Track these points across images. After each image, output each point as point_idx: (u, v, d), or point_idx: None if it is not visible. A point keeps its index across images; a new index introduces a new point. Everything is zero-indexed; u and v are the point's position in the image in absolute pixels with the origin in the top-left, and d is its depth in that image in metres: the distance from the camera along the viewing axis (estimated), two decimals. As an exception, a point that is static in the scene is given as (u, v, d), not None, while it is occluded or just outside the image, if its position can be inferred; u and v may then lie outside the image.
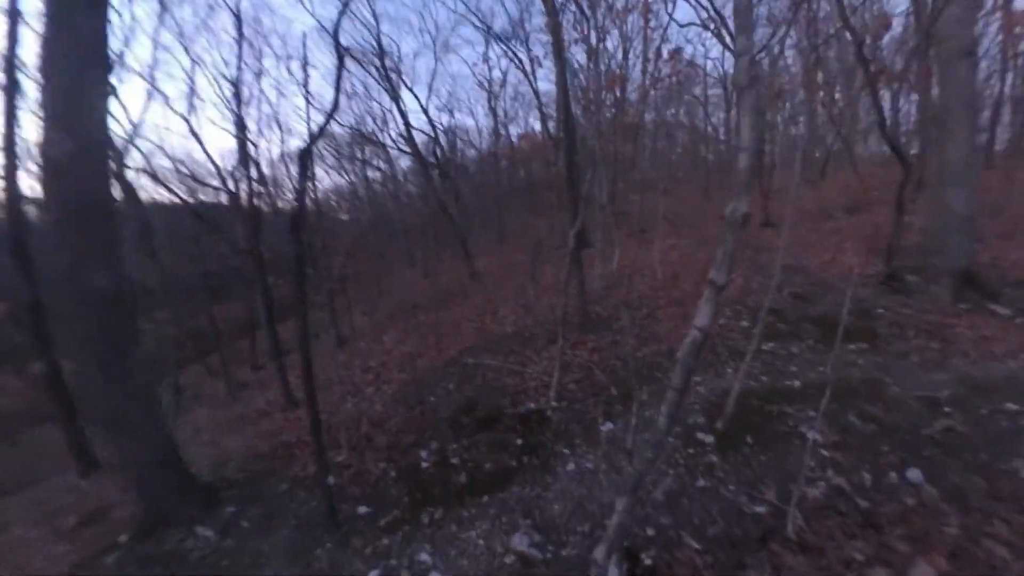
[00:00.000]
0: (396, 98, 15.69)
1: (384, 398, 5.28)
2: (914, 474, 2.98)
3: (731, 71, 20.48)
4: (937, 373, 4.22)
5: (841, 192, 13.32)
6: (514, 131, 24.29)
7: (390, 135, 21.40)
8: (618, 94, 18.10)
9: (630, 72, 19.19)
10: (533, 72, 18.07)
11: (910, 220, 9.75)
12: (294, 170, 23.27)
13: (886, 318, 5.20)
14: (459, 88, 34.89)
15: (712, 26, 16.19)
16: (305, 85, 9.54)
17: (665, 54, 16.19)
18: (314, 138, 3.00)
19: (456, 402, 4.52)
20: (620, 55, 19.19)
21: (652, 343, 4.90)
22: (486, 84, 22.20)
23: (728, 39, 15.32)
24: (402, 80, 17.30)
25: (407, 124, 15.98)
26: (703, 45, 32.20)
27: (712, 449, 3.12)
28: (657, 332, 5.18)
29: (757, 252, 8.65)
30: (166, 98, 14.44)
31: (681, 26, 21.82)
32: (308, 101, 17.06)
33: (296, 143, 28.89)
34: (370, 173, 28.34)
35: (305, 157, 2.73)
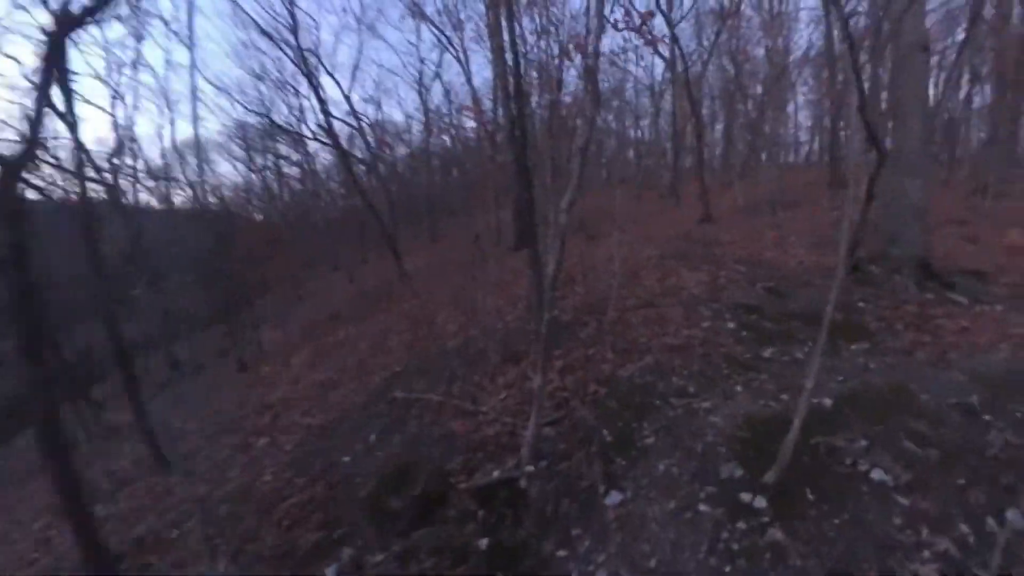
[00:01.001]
0: (315, 84, 13.62)
1: (278, 460, 3.78)
2: (1015, 517, 2.26)
3: (660, 78, 20.70)
4: (948, 372, 3.69)
5: (764, 191, 13.61)
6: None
7: (308, 126, 18.90)
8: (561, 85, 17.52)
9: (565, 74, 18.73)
10: (467, 59, 16.79)
11: (840, 216, 10.02)
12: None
13: (870, 312, 4.69)
14: (388, 78, 32.28)
15: (645, 32, 15.98)
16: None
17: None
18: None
19: (380, 467, 3.16)
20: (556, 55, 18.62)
21: (633, 356, 3.91)
22: (416, 74, 20.46)
23: (660, 46, 15.20)
24: (321, 64, 15.11)
25: (327, 113, 13.97)
26: (634, 53, 32.81)
27: (769, 517, 2.14)
28: (635, 340, 4.22)
29: (706, 246, 8.15)
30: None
31: (618, 30, 21.67)
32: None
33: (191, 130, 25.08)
34: (287, 168, 25.31)
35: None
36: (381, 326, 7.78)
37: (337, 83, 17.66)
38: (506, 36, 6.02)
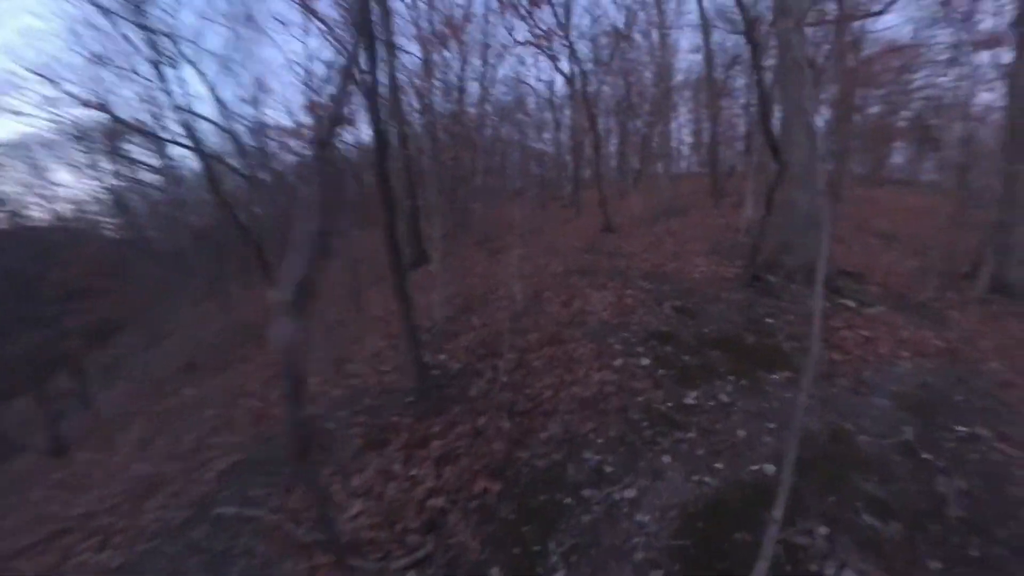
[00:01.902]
0: (163, 73, 10.95)
1: None
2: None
3: (559, 92, 20.87)
4: (871, 397, 3.35)
5: (657, 201, 13.93)
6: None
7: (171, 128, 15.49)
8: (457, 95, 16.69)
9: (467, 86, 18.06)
10: (352, 58, 15.10)
11: (730, 222, 10.39)
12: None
13: (779, 330, 4.34)
14: (274, 79, 28.65)
15: (545, 46, 15.76)
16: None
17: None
18: None
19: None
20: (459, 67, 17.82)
21: (536, 423, 3.03)
22: (303, 74, 18.06)
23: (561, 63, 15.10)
24: (182, 54, 12.26)
25: (185, 110, 11.38)
26: (536, 66, 33.08)
27: None
28: (538, 395, 3.36)
29: (611, 257, 7.72)
30: None
31: (520, 44, 21.65)
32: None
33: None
34: (147, 176, 21.06)
35: None
36: (239, 380, 6.15)
37: (203, 75, 14.66)
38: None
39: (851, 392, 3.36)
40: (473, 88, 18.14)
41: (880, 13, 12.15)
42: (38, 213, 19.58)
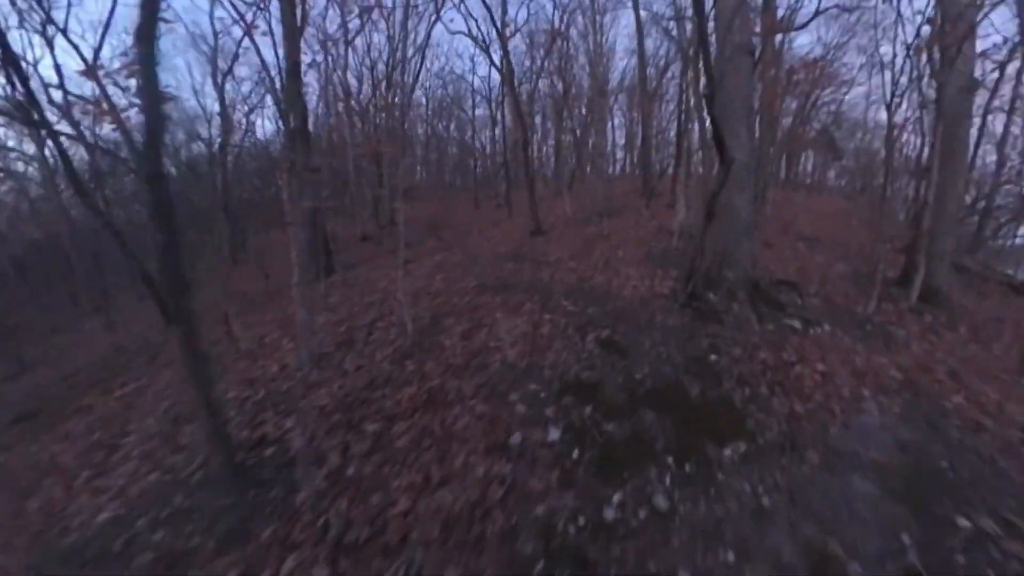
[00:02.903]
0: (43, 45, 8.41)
1: None
2: None
3: (497, 89, 19.66)
4: (847, 475, 2.42)
5: (590, 201, 13.15)
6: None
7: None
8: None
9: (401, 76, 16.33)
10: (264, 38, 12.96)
11: (663, 223, 9.70)
12: None
13: (726, 371, 3.39)
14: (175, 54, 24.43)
15: (480, 41, 14.44)
16: None
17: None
18: None
19: None
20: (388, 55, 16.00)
21: (373, 569, 1.78)
22: (208, 51, 15.15)
23: (496, 57, 13.89)
24: (51, 21, 9.25)
25: (22, 83, 8.77)
26: (472, 60, 31.51)
27: None
28: (387, 513, 2.10)
29: (535, 267, 6.62)
30: None
31: (452, 33, 20.15)
32: None
33: None
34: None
35: None
36: (57, 446, 4.35)
37: (75, 48, 11.34)
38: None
39: (825, 471, 2.42)
40: (401, 80, 16.49)
41: (804, 27, 12.29)
42: None
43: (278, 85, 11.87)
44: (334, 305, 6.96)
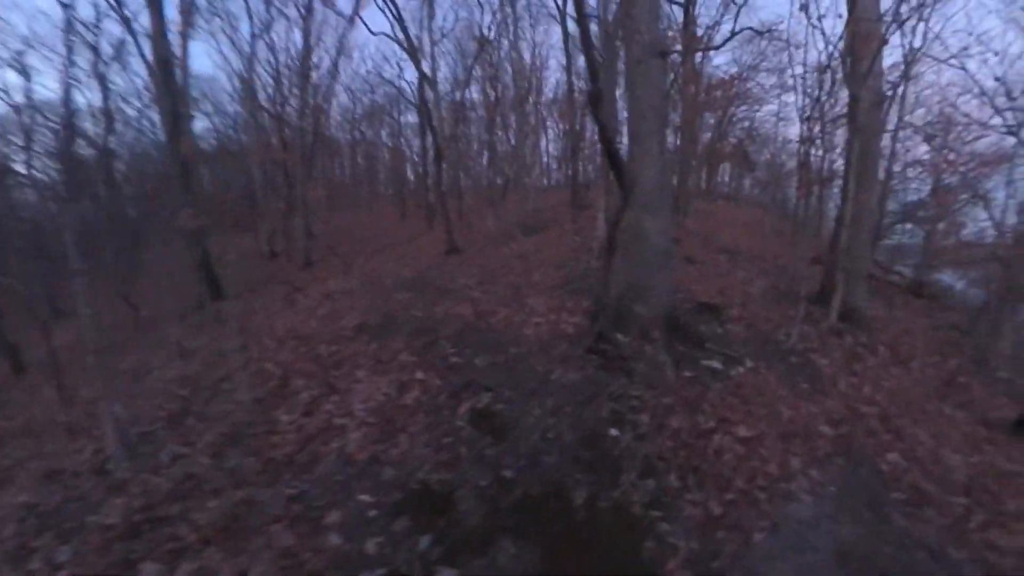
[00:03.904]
0: None
1: None
2: None
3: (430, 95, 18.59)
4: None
5: (518, 214, 12.39)
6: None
7: None
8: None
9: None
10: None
11: (585, 239, 9.04)
12: None
13: (626, 451, 2.54)
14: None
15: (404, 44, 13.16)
16: None
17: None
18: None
19: None
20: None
21: None
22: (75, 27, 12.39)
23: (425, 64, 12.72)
24: None
25: None
26: (399, 65, 29.60)
27: None
28: None
29: (435, 298, 5.58)
30: None
31: (373, 33, 18.85)
32: None
33: None
34: None
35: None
36: None
37: None
38: None
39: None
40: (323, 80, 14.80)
41: (721, 47, 12.42)
42: None
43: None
44: (191, 352, 5.50)
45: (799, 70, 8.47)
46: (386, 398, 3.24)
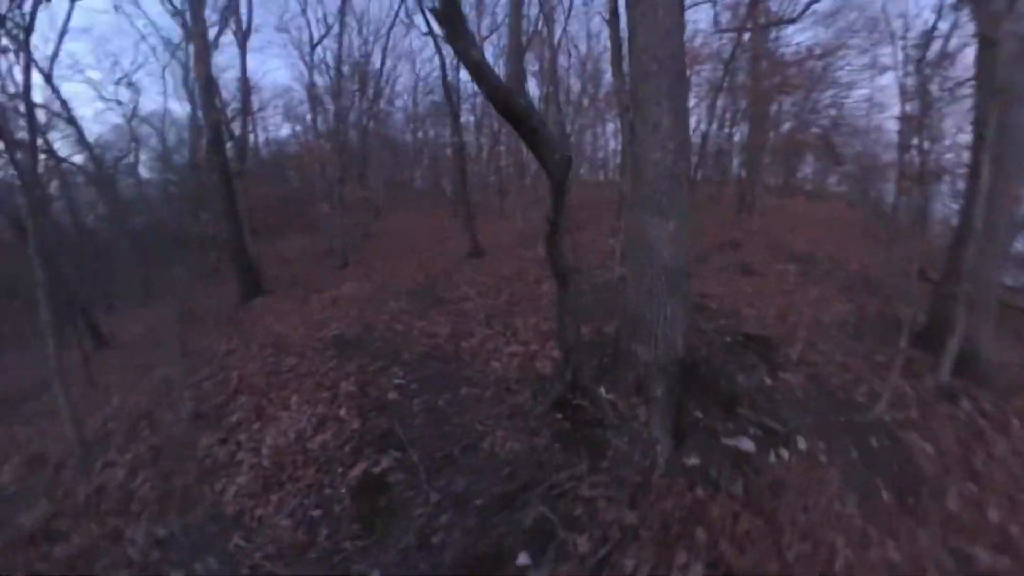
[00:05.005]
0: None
1: None
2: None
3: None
4: None
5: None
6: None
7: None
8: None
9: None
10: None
11: (613, 245, 7.67)
12: None
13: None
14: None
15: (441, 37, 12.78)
16: None
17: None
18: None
19: None
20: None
21: None
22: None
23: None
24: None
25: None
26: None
27: None
28: None
29: (423, 310, 4.77)
30: None
31: (423, 34, 18.63)
32: None
33: None
34: None
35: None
36: None
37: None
38: None
39: None
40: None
41: (794, 20, 10.07)
42: None
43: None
44: (193, 352, 5.24)
45: (898, 24, 6.33)
46: (296, 437, 2.54)
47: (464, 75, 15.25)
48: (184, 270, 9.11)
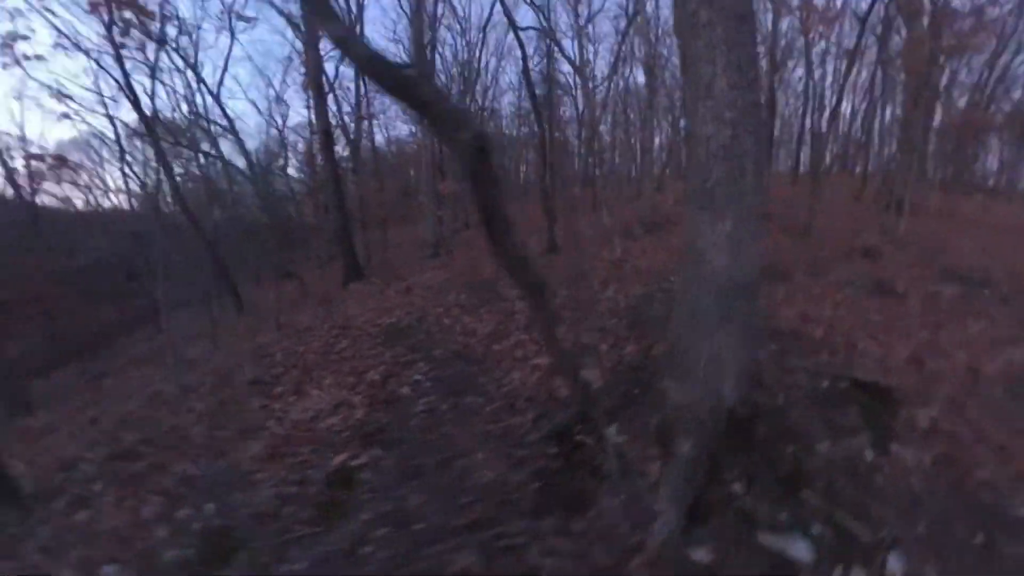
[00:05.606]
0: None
1: None
2: None
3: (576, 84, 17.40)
4: None
5: (634, 212, 10.22)
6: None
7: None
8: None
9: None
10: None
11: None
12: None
13: None
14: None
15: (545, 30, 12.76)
16: None
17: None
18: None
19: None
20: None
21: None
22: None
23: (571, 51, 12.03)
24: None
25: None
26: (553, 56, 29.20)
27: None
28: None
29: (487, 302, 4.64)
30: None
31: (522, 29, 18.82)
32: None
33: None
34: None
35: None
36: None
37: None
38: None
39: None
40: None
41: None
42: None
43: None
44: (283, 324, 5.90)
45: None
46: (312, 416, 2.67)
47: (565, 67, 14.75)
48: (302, 255, 10.63)
